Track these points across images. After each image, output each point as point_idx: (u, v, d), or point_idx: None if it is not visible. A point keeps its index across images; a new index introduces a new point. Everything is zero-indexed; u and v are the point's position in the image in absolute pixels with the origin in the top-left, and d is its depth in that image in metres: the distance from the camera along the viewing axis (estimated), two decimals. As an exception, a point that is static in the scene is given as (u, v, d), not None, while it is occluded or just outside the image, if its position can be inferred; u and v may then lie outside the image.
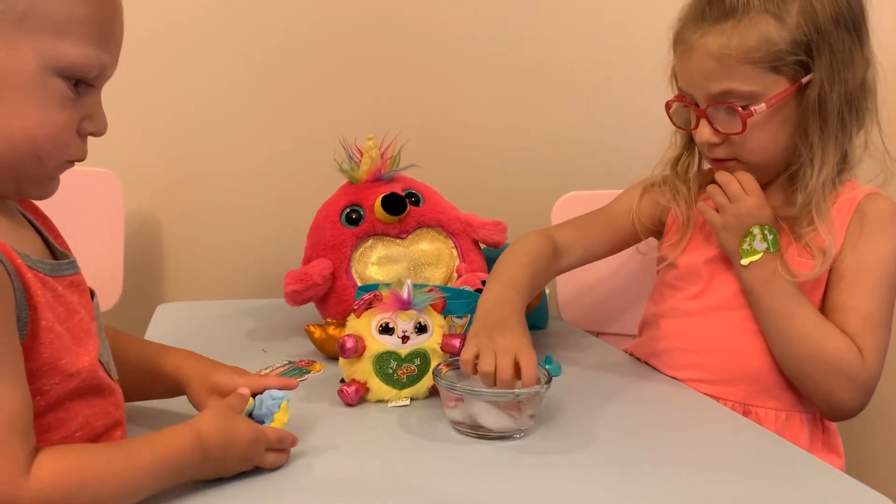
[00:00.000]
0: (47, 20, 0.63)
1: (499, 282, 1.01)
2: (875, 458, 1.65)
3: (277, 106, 1.55)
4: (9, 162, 0.65)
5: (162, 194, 1.53)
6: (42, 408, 0.64)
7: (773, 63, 0.97)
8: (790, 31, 0.96)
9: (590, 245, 1.16)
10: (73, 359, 0.66)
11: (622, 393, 1.03)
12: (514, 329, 0.90)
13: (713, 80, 0.99)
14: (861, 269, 1.01)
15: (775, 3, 0.96)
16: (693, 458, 0.84)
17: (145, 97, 1.48)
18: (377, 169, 1.19)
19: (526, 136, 1.63)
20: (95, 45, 0.66)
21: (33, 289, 0.63)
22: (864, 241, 1.02)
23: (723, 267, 1.08)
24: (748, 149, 1.02)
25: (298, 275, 1.13)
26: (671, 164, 1.16)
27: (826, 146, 0.99)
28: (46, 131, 0.65)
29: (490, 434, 0.85)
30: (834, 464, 1.01)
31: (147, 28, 1.44)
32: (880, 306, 1.00)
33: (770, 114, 0.99)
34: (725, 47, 0.97)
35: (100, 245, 1.40)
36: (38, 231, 0.72)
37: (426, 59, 1.58)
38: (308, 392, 0.98)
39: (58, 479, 0.59)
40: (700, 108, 1.02)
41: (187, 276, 1.56)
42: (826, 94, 0.97)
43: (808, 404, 1.05)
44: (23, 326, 0.62)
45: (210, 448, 0.69)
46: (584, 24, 1.61)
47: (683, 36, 1.02)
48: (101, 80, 0.69)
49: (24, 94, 0.63)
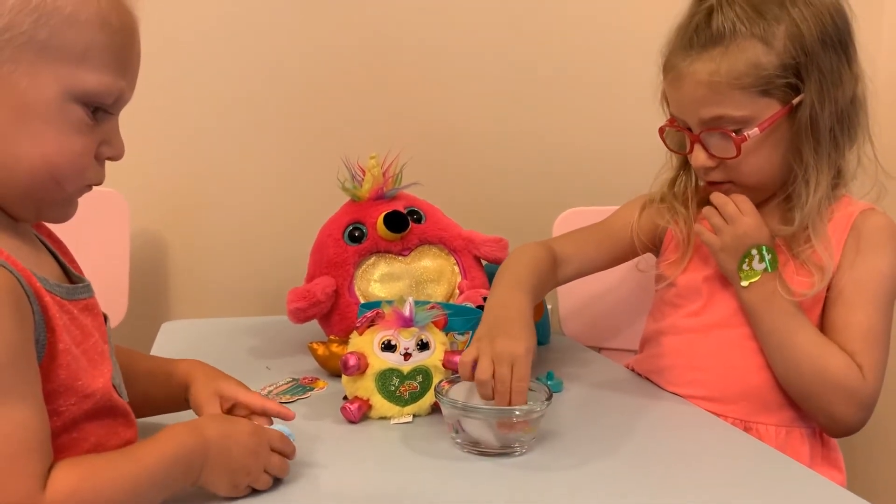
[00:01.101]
0: (67, 49, 0.64)
1: (503, 285, 1.02)
2: (876, 472, 1.65)
3: (280, 125, 1.56)
4: (29, 186, 0.66)
5: (167, 213, 1.55)
6: (57, 428, 0.65)
7: (764, 87, 0.97)
8: (778, 54, 0.97)
9: (587, 257, 1.17)
10: (88, 380, 0.67)
11: (624, 409, 1.03)
12: (517, 335, 0.89)
13: (705, 106, 1.00)
14: (859, 286, 1.01)
15: (761, 27, 0.96)
16: (695, 474, 0.84)
17: (150, 118, 1.49)
18: (379, 187, 1.20)
19: (527, 153, 1.64)
20: (113, 73, 0.67)
21: (51, 312, 0.64)
22: (861, 259, 1.02)
23: (721, 285, 1.08)
24: (744, 172, 1.02)
25: (302, 292, 1.14)
26: (668, 185, 1.16)
27: (820, 165, 1.00)
28: (65, 157, 0.66)
29: (491, 451, 0.85)
30: (835, 479, 1.01)
31: (152, 50, 1.44)
32: (879, 323, 1.01)
33: (763, 137, 0.99)
34: (715, 74, 0.97)
35: (105, 263, 1.41)
36: (53, 255, 0.74)
37: (428, 79, 1.59)
38: (311, 409, 0.99)
39: (74, 490, 0.60)
40: (693, 134, 1.03)
41: (192, 294, 1.57)
42: (817, 113, 0.98)
43: (807, 419, 1.05)
44: (41, 349, 0.63)
45: (212, 441, 0.70)
46: (586, 42, 1.62)
47: (673, 63, 1.03)
48: (118, 107, 0.70)
49: (45, 121, 0.65)
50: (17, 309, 0.61)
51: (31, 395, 0.61)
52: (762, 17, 0.97)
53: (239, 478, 0.72)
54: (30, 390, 0.61)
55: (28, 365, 0.62)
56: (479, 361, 0.86)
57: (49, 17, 0.63)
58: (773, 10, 0.97)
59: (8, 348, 0.59)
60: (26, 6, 0.62)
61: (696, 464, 0.87)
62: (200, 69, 1.52)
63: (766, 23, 0.96)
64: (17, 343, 0.60)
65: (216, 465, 0.70)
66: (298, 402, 1.02)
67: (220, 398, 0.84)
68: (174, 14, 1.49)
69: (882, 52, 1.22)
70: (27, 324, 0.62)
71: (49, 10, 0.63)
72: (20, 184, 0.66)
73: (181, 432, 0.70)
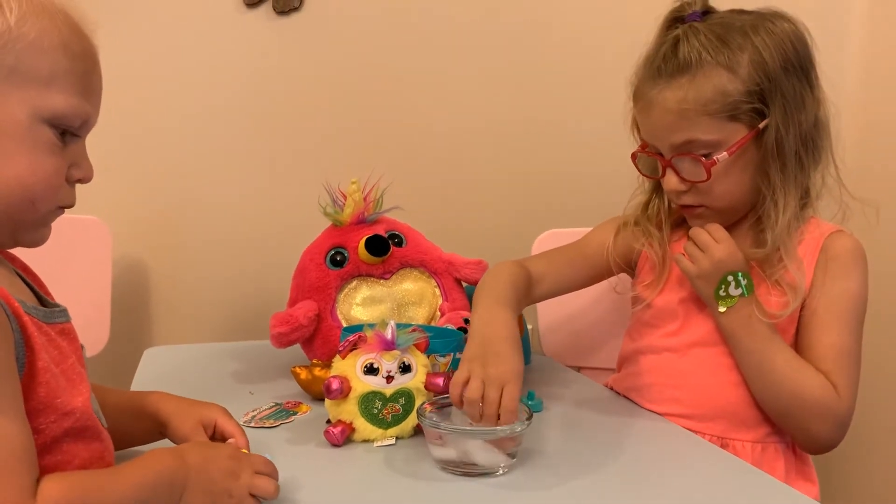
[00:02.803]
0: (34, 73, 0.67)
1: (485, 303, 1.03)
2: (847, 481, 1.67)
3: (261, 151, 1.58)
4: (4, 208, 0.68)
5: (148, 239, 1.55)
6: (39, 447, 0.66)
7: (730, 112, 1.00)
8: (743, 81, 1.00)
9: (560, 276, 1.19)
10: (67, 398, 0.68)
11: (604, 428, 1.05)
12: (508, 357, 0.91)
13: (675, 132, 1.03)
14: (831, 307, 1.04)
15: (726, 55, 1.00)
16: (675, 492, 0.85)
17: (132, 145, 1.51)
18: (360, 212, 1.22)
19: (505, 177, 1.66)
20: (79, 96, 0.70)
21: (30, 330, 0.65)
22: (830, 280, 1.05)
23: (697, 306, 1.11)
24: (715, 195, 1.05)
25: (284, 317, 1.15)
26: (641, 209, 1.19)
27: (787, 186, 1.03)
28: (38, 176, 0.68)
29: (474, 471, 0.86)
30: (808, 491, 1.04)
31: (133, 77, 1.47)
32: (851, 343, 1.04)
33: (732, 160, 1.02)
34: (683, 101, 1.00)
35: (87, 290, 1.41)
36: (27, 284, 0.75)
37: (408, 105, 1.62)
38: (295, 433, 0.99)
39: (62, 500, 0.61)
40: (665, 159, 1.06)
41: (174, 320, 1.58)
42: (782, 136, 1.01)
43: (782, 434, 1.08)
44: (21, 367, 0.64)
45: (192, 464, 0.72)
46: (565, 66, 1.65)
47: (642, 91, 1.06)
48: (84, 130, 0.73)
49: (16, 143, 0.67)
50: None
51: (15, 410, 0.62)
52: (727, 45, 1.00)
53: (221, 500, 0.73)
54: (12, 405, 0.62)
55: (10, 381, 0.63)
56: (471, 382, 0.87)
57: (15, 43, 0.66)
58: (736, 40, 1.01)
59: None
60: None
61: (674, 480, 0.89)
62: (180, 96, 1.54)
63: (730, 51, 1.00)
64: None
65: (197, 488, 0.71)
66: (282, 426, 1.02)
67: (204, 426, 0.86)
68: (154, 41, 1.51)
69: (842, 78, 1.25)
70: (7, 342, 0.63)
71: (14, 37, 0.66)
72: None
73: (163, 456, 0.72)
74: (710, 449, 1.00)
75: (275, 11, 1.54)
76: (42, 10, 0.68)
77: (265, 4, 1.54)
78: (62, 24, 0.69)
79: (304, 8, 1.55)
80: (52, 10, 0.69)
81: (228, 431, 0.86)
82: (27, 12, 0.67)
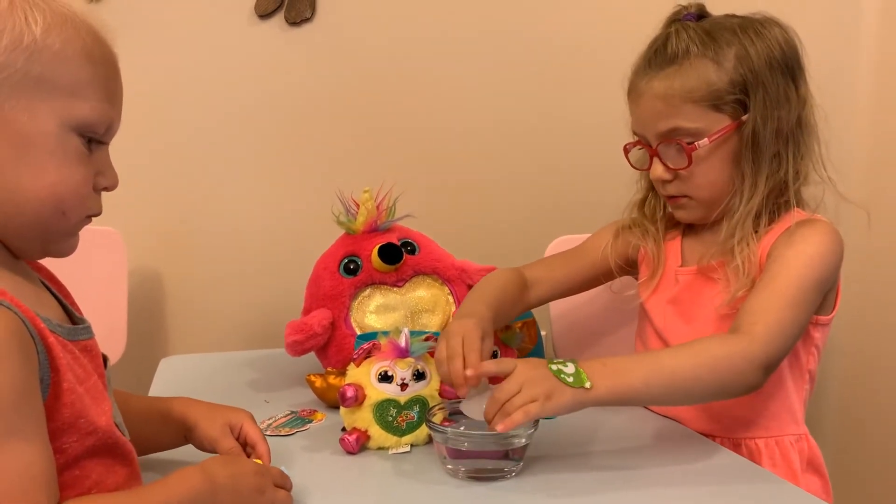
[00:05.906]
0: (60, 82, 0.68)
1: (459, 313, 1.07)
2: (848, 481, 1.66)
3: (274, 161, 1.58)
4: (35, 219, 0.69)
5: (163, 249, 1.56)
6: (60, 466, 0.66)
7: (714, 101, 1.03)
8: (727, 72, 1.03)
9: (556, 279, 1.21)
10: (92, 417, 0.69)
11: (616, 431, 1.05)
12: (462, 316, 0.98)
13: (661, 119, 1.05)
14: (772, 268, 1.00)
15: (713, 49, 1.04)
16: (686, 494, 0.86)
17: (146, 156, 1.52)
18: (373, 220, 1.22)
19: (518, 184, 1.67)
20: (103, 101, 0.71)
21: (55, 351, 0.66)
22: (785, 247, 1.01)
23: (695, 306, 1.10)
24: (696, 184, 1.07)
25: (299, 325, 1.16)
26: (637, 207, 1.21)
27: (757, 178, 1.04)
28: (68, 187, 0.69)
29: (483, 475, 0.87)
30: (816, 483, 1.06)
31: (146, 89, 1.48)
32: (786, 290, 0.98)
33: (713, 149, 1.04)
34: (670, 88, 1.04)
35: (104, 301, 1.42)
36: (55, 296, 0.75)
37: (420, 114, 1.62)
38: (310, 441, 1.00)
39: None
40: (652, 148, 1.08)
41: (190, 329, 1.59)
42: (759, 129, 1.03)
43: (793, 427, 1.08)
44: (45, 388, 0.65)
45: (219, 482, 0.72)
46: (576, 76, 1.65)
47: (634, 84, 1.10)
48: (109, 136, 0.73)
49: (46, 153, 0.68)
50: (22, 349, 0.62)
51: (37, 435, 0.62)
52: (714, 41, 1.04)
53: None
54: (35, 430, 0.62)
55: (33, 405, 0.63)
56: (437, 346, 0.94)
57: (41, 54, 0.67)
58: (724, 36, 1.05)
59: (14, 389, 0.61)
60: (19, 45, 0.66)
61: (688, 486, 0.89)
62: (194, 107, 1.55)
63: (717, 46, 1.04)
64: (22, 383, 0.61)
65: None
66: (298, 434, 1.03)
67: (231, 428, 0.87)
68: (166, 52, 1.52)
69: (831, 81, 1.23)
70: (31, 364, 0.63)
71: (40, 48, 0.67)
72: (26, 217, 0.68)
73: (191, 475, 0.72)
74: (722, 452, 0.99)
75: (287, 22, 1.55)
76: (65, 19, 0.69)
77: (277, 16, 1.55)
78: (84, 33, 0.70)
79: (315, 19, 1.56)
80: (75, 19, 0.70)
81: (252, 437, 0.87)
82: (52, 23, 0.67)
